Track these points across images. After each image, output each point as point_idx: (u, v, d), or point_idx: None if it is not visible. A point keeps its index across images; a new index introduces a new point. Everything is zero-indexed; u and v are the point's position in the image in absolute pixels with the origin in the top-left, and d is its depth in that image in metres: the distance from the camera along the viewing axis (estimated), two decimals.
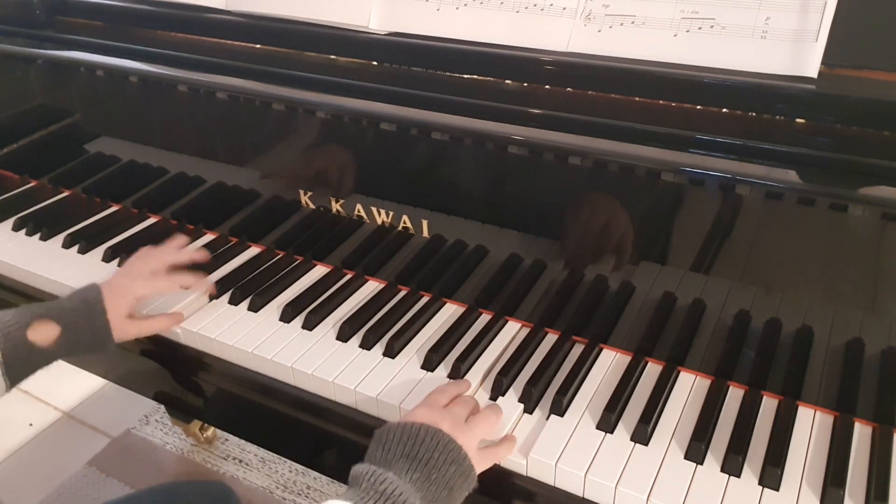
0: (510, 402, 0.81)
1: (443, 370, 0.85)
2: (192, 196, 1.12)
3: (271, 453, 1.64)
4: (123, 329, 0.88)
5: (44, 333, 0.82)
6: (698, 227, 0.76)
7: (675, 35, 0.77)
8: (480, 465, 0.72)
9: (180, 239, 1.02)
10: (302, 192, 0.99)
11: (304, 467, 1.61)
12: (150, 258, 0.95)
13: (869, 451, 0.74)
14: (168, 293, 0.96)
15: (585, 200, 0.82)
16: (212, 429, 1.71)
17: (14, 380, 0.81)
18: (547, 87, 0.84)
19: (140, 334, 0.91)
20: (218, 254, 1.07)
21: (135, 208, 1.19)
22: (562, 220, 0.85)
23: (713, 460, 0.74)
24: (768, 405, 0.80)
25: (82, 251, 1.09)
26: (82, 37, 1.11)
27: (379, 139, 0.90)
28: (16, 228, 1.16)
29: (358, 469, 0.66)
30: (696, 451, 0.74)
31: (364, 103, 0.89)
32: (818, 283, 0.74)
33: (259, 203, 1.05)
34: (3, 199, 1.23)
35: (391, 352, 0.88)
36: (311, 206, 1.00)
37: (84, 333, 0.84)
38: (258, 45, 1.01)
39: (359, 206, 0.96)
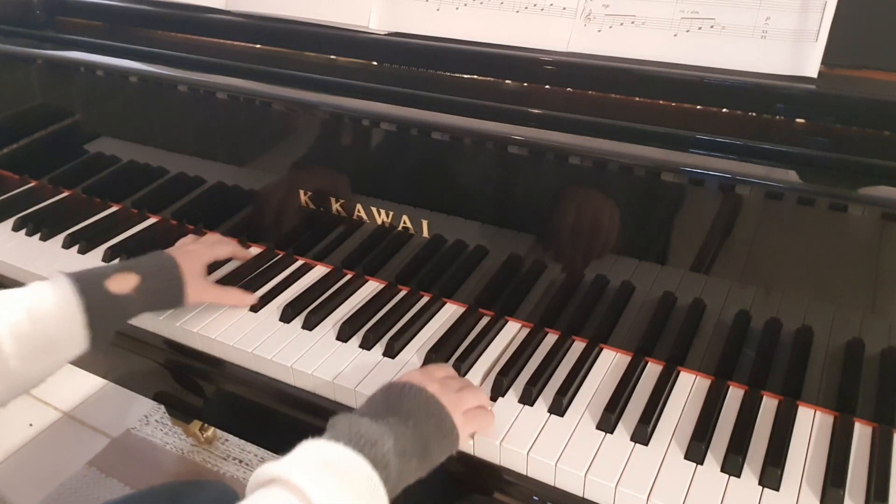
0: (510, 402, 0.81)
1: None
2: (192, 196, 1.12)
3: (271, 453, 1.64)
4: (198, 289, 0.91)
5: (124, 283, 0.83)
6: (698, 227, 0.76)
7: (675, 35, 0.77)
8: (467, 429, 0.73)
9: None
10: (302, 192, 0.99)
11: None
12: (206, 236, 1.03)
13: (869, 451, 0.74)
14: (225, 257, 1.01)
15: (585, 200, 0.82)
16: (212, 429, 1.71)
17: (97, 334, 0.80)
18: (547, 87, 0.84)
19: (215, 299, 0.94)
20: None
21: (135, 208, 1.19)
22: (562, 220, 0.85)
23: (713, 460, 0.74)
24: (768, 405, 0.80)
25: (82, 251, 1.09)
26: (82, 37, 1.11)
27: (379, 139, 0.90)
28: (16, 228, 1.16)
29: (335, 417, 0.68)
30: (696, 451, 0.74)
31: (364, 103, 0.89)
32: (818, 284, 0.74)
33: (259, 203, 1.05)
34: (3, 199, 1.23)
35: (391, 352, 0.88)
36: (311, 206, 1.00)
37: (161, 284, 0.87)
38: (258, 45, 1.01)
39: (359, 206, 0.96)
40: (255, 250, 1.08)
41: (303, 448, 0.63)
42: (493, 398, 0.82)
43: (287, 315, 0.94)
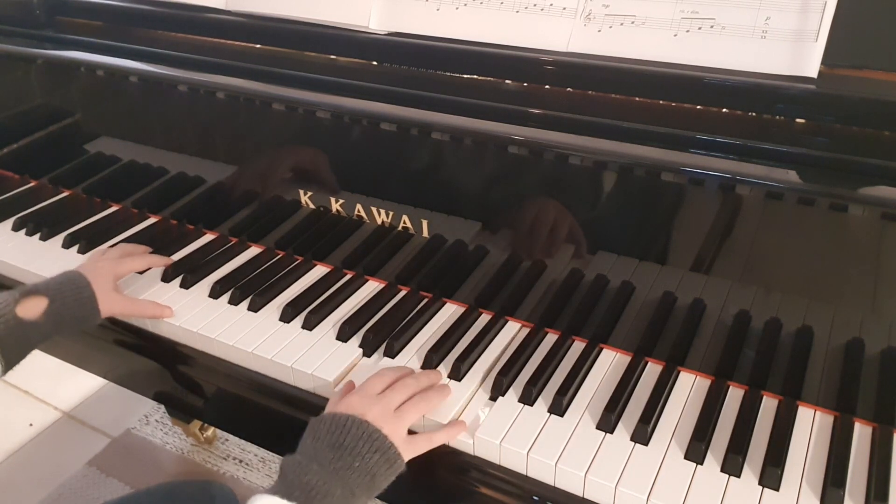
0: (510, 401, 0.81)
1: (443, 370, 0.85)
2: (192, 196, 1.12)
3: (271, 453, 1.64)
4: (110, 301, 0.91)
5: (32, 308, 0.84)
6: (698, 227, 0.76)
7: (675, 35, 0.77)
8: (409, 451, 0.74)
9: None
10: (302, 192, 0.99)
11: None
12: (116, 248, 1.03)
13: (869, 451, 0.74)
14: (139, 270, 1.02)
15: (585, 200, 0.82)
16: (212, 429, 1.71)
17: (10, 360, 0.82)
18: (547, 87, 0.84)
19: (127, 311, 0.94)
20: (218, 254, 1.07)
21: (135, 208, 1.19)
22: (561, 220, 0.85)
23: (713, 460, 0.74)
24: (768, 405, 0.80)
25: (82, 251, 1.09)
26: (82, 37, 1.11)
27: (379, 139, 0.90)
28: (16, 228, 1.16)
29: (286, 461, 0.70)
30: (696, 451, 0.74)
31: (364, 103, 0.89)
32: (818, 283, 0.74)
33: (259, 203, 1.05)
34: (3, 199, 1.23)
35: (391, 352, 0.88)
36: (311, 206, 1.00)
37: (71, 303, 0.87)
38: (258, 45, 1.01)
39: (359, 206, 0.96)
40: (255, 250, 1.08)
41: None
42: (493, 398, 0.82)
43: (287, 315, 0.94)
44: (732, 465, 0.72)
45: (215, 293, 0.99)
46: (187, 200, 1.13)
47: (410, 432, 0.76)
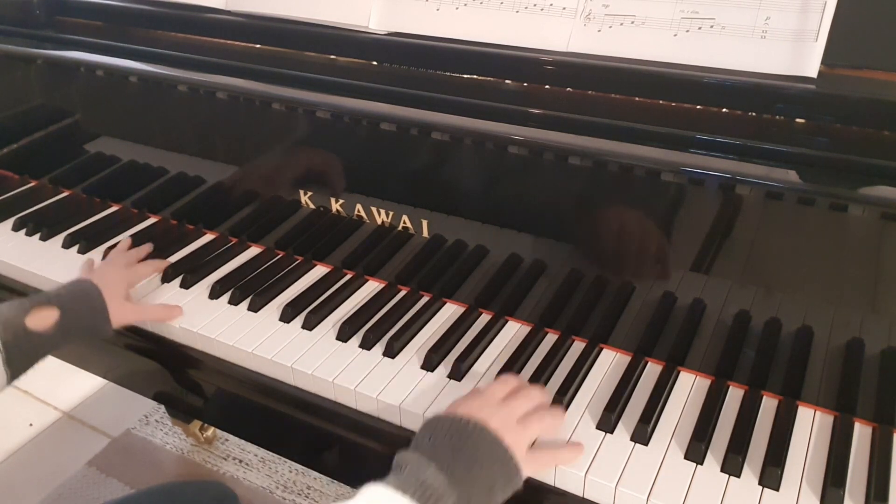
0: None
1: (443, 370, 0.85)
2: (192, 196, 1.12)
3: (271, 453, 1.64)
4: (121, 311, 0.90)
5: (43, 319, 0.82)
6: (698, 227, 0.76)
7: (675, 35, 0.77)
8: (530, 467, 0.70)
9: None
10: (302, 192, 0.99)
11: (304, 467, 1.61)
12: (123, 255, 1.02)
13: (869, 451, 0.74)
14: (148, 278, 1.01)
15: (585, 201, 0.82)
16: (212, 429, 1.71)
17: (15, 370, 0.81)
18: (547, 87, 0.84)
19: (139, 319, 0.93)
20: (218, 254, 1.07)
21: (135, 208, 1.19)
22: (561, 220, 0.85)
23: (713, 460, 0.74)
24: (768, 405, 0.80)
25: (82, 251, 1.09)
26: (82, 37, 1.11)
27: (379, 139, 0.90)
28: (16, 228, 1.16)
29: (403, 456, 0.66)
30: (696, 451, 0.74)
31: (364, 103, 0.89)
32: (818, 283, 0.74)
33: (259, 203, 1.05)
34: (3, 199, 1.23)
35: (391, 352, 0.88)
36: (311, 206, 1.00)
37: (83, 315, 0.86)
38: (258, 45, 1.01)
39: (359, 206, 0.96)
40: (255, 250, 1.08)
41: (369, 493, 0.63)
42: None
43: (287, 315, 0.94)
44: (732, 465, 0.72)
45: (215, 293, 0.99)
46: (187, 200, 1.13)
47: None
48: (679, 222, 0.78)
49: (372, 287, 1.00)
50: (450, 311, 0.95)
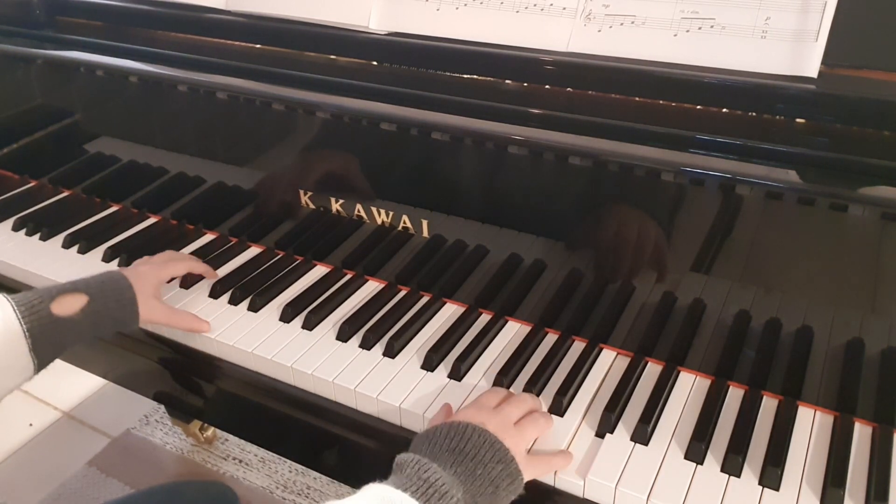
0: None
1: (443, 370, 0.85)
2: (192, 196, 1.12)
3: (271, 453, 1.64)
4: (150, 308, 0.88)
5: (70, 305, 0.80)
6: (698, 227, 0.76)
7: (675, 35, 0.77)
8: (529, 471, 0.70)
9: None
10: (302, 192, 0.99)
11: (304, 467, 1.61)
12: (160, 254, 0.99)
13: (869, 451, 0.74)
14: (180, 274, 0.99)
15: (585, 201, 0.82)
16: (212, 429, 1.71)
17: (42, 359, 0.78)
18: (547, 87, 0.84)
19: (166, 320, 0.90)
20: (218, 254, 1.07)
21: (135, 208, 1.19)
22: (561, 221, 0.85)
23: (713, 460, 0.74)
24: (768, 405, 0.80)
25: (82, 251, 1.09)
26: (82, 37, 1.10)
27: (379, 139, 0.90)
28: (16, 228, 1.16)
29: (403, 457, 0.66)
30: (696, 451, 0.74)
31: (364, 103, 0.89)
32: (818, 283, 0.74)
33: (259, 203, 1.05)
34: (3, 199, 1.23)
35: (391, 352, 0.88)
36: (311, 206, 1.00)
37: (110, 304, 0.83)
38: (258, 45, 1.01)
39: (359, 206, 0.96)
40: (255, 250, 1.08)
41: (369, 493, 0.62)
42: None
43: (287, 315, 0.94)
44: (732, 465, 0.72)
45: (215, 293, 0.98)
46: (187, 200, 1.13)
47: None
48: (679, 222, 0.78)
49: (372, 287, 1.00)
50: (450, 311, 0.95)
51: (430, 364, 0.86)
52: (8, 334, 0.76)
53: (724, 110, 0.76)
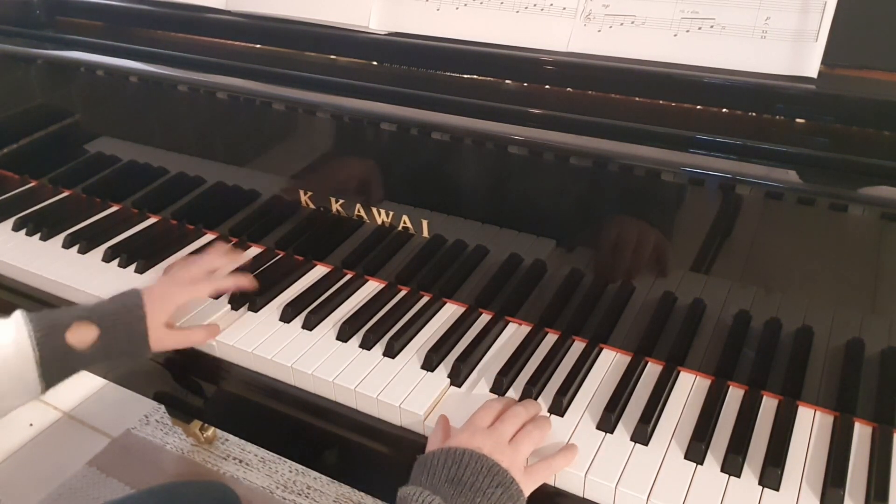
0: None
1: (443, 370, 0.85)
2: (192, 196, 1.12)
3: (271, 453, 1.64)
4: (161, 338, 0.85)
5: (82, 336, 0.79)
6: (698, 227, 0.76)
7: (675, 35, 0.77)
8: (529, 484, 0.70)
9: (221, 245, 1.00)
10: (302, 192, 0.99)
11: (304, 467, 1.61)
12: (192, 265, 0.93)
13: (869, 451, 0.74)
14: (207, 297, 0.94)
15: (585, 201, 0.82)
16: (212, 429, 1.71)
17: (49, 382, 0.78)
18: (547, 87, 0.84)
19: (177, 346, 0.89)
20: None
21: (135, 208, 1.19)
22: (562, 220, 0.85)
23: (713, 460, 0.74)
24: (768, 405, 0.80)
25: (82, 251, 1.09)
26: (82, 37, 1.11)
27: (379, 139, 0.90)
28: (16, 228, 1.16)
29: (405, 491, 0.66)
30: (696, 451, 0.74)
31: (364, 103, 0.89)
32: (818, 283, 0.74)
33: (259, 203, 1.05)
34: (3, 199, 1.23)
35: (391, 352, 0.88)
36: (311, 206, 1.00)
37: (122, 339, 0.82)
38: (258, 45, 1.01)
39: (359, 206, 0.96)
40: (255, 250, 1.08)
41: None
42: None
43: (287, 315, 0.94)
44: (732, 465, 0.72)
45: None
46: (187, 200, 1.13)
47: None
48: (679, 222, 0.78)
49: (372, 287, 1.00)
50: (450, 311, 0.95)
51: (430, 364, 0.86)
52: (19, 358, 0.76)
53: (724, 110, 0.76)
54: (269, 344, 0.90)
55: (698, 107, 0.77)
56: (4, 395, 0.76)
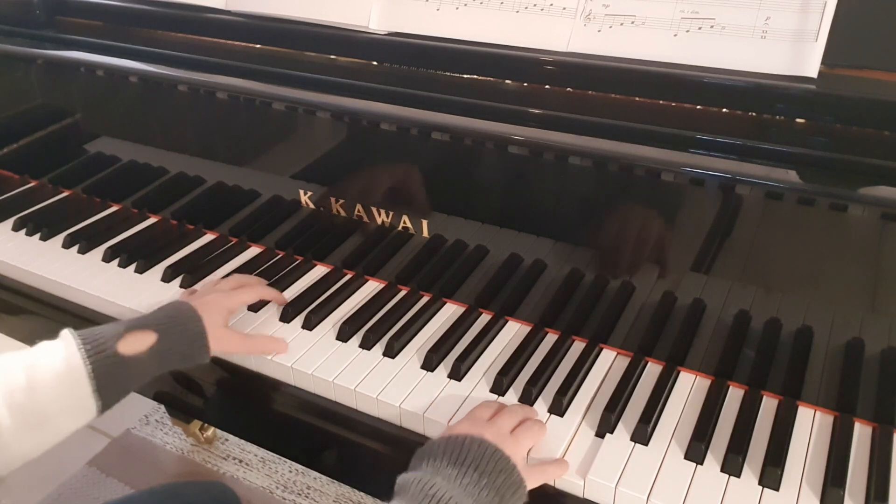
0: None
1: (443, 370, 0.85)
2: (192, 196, 1.12)
3: (271, 453, 1.64)
4: (222, 339, 0.84)
5: (138, 343, 0.76)
6: (698, 227, 0.76)
7: (675, 35, 0.77)
8: (531, 479, 0.69)
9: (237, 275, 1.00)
10: (302, 192, 0.99)
11: (304, 467, 1.61)
12: (223, 281, 0.94)
13: (869, 451, 0.74)
14: (251, 302, 0.94)
15: (585, 201, 0.82)
16: (212, 429, 1.71)
17: (107, 401, 0.74)
18: (547, 87, 0.84)
19: (242, 349, 0.87)
20: (218, 254, 1.07)
21: (135, 208, 1.19)
22: (561, 220, 0.85)
23: (713, 460, 0.74)
24: (768, 405, 0.80)
25: (82, 251, 1.09)
26: (82, 37, 1.10)
27: (378, 139, 0.90)
28: (16, 228, 1.16)
29: (404, 477, 0.65)
30: (696, 451, 0.74)
31: (364, 103, 0.89)
32: (818, 283, 0.74)
33: (259, 203, 1.05)
34: (3, 199, 1.23)
35: (391, 352, 0.88)
36: (311, 206, 1.00)
37: (179, 341, 0.79)
38: (258, 45, 1.01)
39: (359, 206, 0.96)
40: (255, 250, 1.08)
41: None
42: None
43: (287, 315, 0.94)
44: (732, 465, 0.72)
45: None
46: (187, 200, 1.13)
47: None
48: (679, 222, 0.78)
49: (372, 287, 1.00)
50: (450, 311, 0.95)
51: (430, 364, 0.86)
52: (71, 375, 0.71)
53: (725, 110, 0.76)
54: None
55: (698, 107, 0.77)
56: (58, 416, 0.72)
